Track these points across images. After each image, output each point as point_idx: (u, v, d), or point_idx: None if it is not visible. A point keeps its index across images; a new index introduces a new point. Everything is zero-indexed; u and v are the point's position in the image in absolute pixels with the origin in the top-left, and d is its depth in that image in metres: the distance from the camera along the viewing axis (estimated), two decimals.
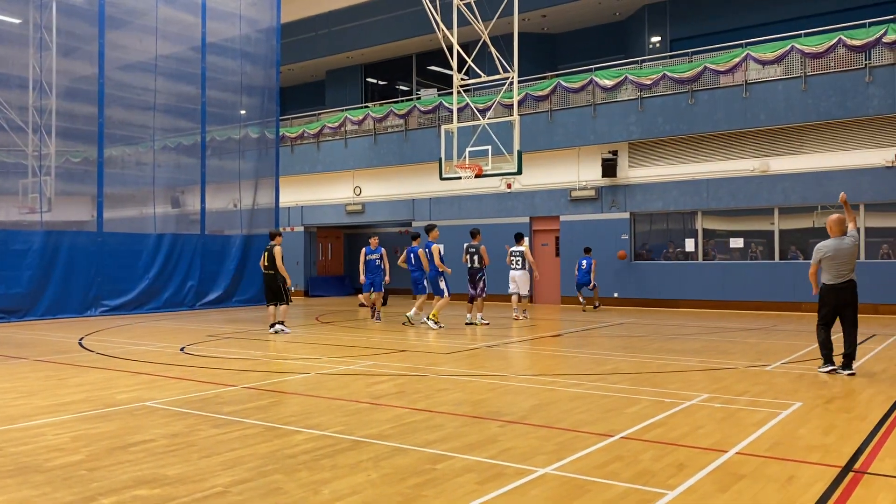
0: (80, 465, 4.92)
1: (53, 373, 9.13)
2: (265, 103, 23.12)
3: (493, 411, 6.63)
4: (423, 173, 24.10)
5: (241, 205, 22.60)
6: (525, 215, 22.48)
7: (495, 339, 12.80)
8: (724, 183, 19.25)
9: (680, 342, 12.05)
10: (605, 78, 20.52)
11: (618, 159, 20.68)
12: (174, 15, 21.08)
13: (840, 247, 8.51)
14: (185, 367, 9.43)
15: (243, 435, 5.76)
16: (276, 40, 23.38)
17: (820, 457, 5.05)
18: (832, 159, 17.96)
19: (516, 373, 9.03)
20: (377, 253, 16.39)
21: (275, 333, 13.79)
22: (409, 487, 4.42)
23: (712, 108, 19.09)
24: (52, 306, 17.68)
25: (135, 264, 19.49)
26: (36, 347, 11.93)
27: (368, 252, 16.37)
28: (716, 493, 4.30)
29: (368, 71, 31.14)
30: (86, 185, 19.38)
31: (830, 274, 8.51)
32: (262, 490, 4.39)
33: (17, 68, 18.36)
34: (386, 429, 5.93)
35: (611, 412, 6.53)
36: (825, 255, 8.53)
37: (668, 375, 8.64)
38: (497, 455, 5.11)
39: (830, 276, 8.52)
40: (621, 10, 24.39)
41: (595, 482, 4.50)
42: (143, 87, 20.39)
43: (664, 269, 20.32)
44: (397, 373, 8.92)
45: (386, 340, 12.77)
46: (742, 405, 6.82)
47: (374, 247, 16.44)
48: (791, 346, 11.39)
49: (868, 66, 17.22)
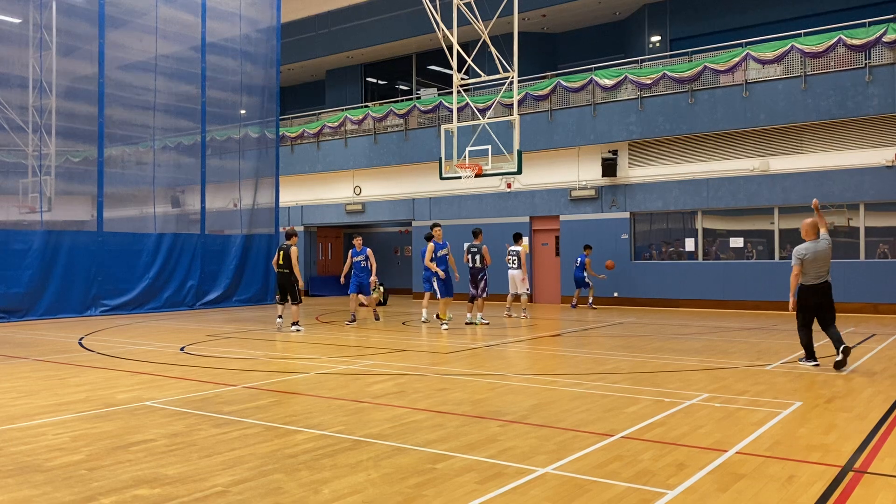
0: (81, 465, 4.92)
1: (53, 372, 9.14)
2: (265, 103, 23.12)
3: (493, 411, 6.63)
4: (423, 173, 24.10)
5: (241, 204, 22.60)
6: (525, 215, 22.48)
7: (495, 338, 12.80)
8: (724, 182, 19.25)
9: (680, 342, 12.05)
10: (605, 77, 20.52)
11: (618, 159, 20.68)
12: (174, 14, 21.08)
13: (817, 249, 8.93)
14: (186, 367, 9.44)
15: (243, 434, 5.76)
16: (276, 40, 23.38)
17: (820, 456, 5.05)
18: (832, 159, 17.96)
19: (516, 372, 9.03)
20: (362, 254, 15.64)
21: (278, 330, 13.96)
22: (410, 487, 4.42)
23: (712, 108, 19.09)
24: (52, 306, 17.68)
25: (135, 264, 19.49)
26: (36, 347, 11.94)
27: (354, 254, 15.63)
28: (716, 492, 4.31)
29: (368, 71, 31.13)
30: (86, 184, 19.38)
31: (810, 275, 8.87)
32: (262, 490, 4.40)
33: (17, 68, 18.36)
34: (386, 428, 5.93)
35: (611, 412, 6.54)
36: (805, 257, 8.85)
37: (668, 375, 8.64)
38: (497, 455, 5.11)
39: (810, 277, 8.87)
40: (621, 9, 24.39)
41: (595, 482, 4.50)
42: (144, 86, 20.39)
43: (664, 269, 20.32)
44: (397, 372, 8.92)
45: (386, 340, 12.77)
46: (742, 405, 6.82)
47: (358, 248, 15.69)
48: (791, 345, 11.39)
49: (868, 65, 17.22)
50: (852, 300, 17.58)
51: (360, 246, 15.75)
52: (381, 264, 27.94)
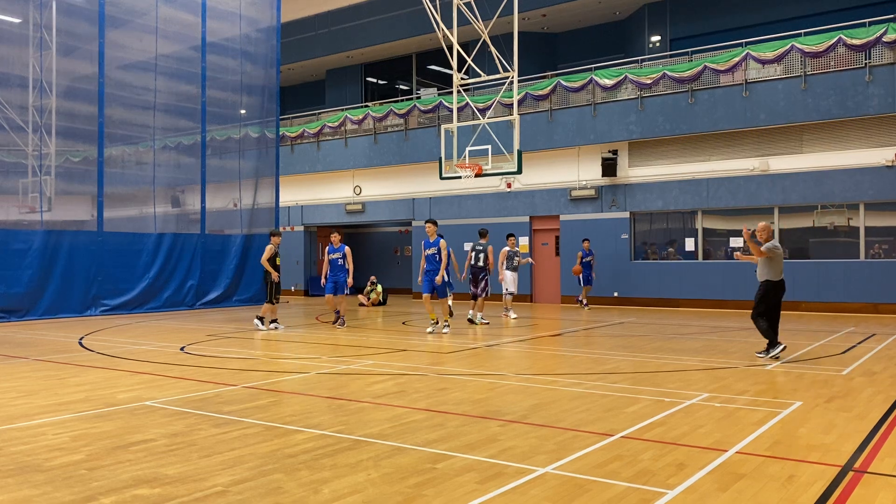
0: (81, 465, 4.92)
1: (53, 372, 9.14)
2: (265, 103, 23.11)
3: (493, 410, 6.63)
4: (423, 173, 24.10)
5: (241, 204, 22.60)
6: (525, 215, 22.48)
7: (495, 338, 12.80)
8: (724, 182, 19.25)
9: (680, 342, 12.05)
10: (605, 77, 20.52)
11: (618, 159, 20.68)
12: (174, 14, 21.08)
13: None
14: (186, 367, 9.44)
15: (243, 434, 5.76)
16: (277, 40, 23.37)
17: (820, 456, 5.05)
18: (832, 159, 17.96)
19: (516, 372, 9.03)
20: (340, 251, 14.46)
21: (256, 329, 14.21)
22: (410, 487, 4.42)
23: (712, 108, 19.09)
24: (52, 306, 17.68)
25: (135, 264, 19.48)
26: (36, 347, 11.94)
27: (331, 250, 14.46)
28: (716, 492, 4.31)
29: (368, 70, 31.13)
30: (86, 184, 19.38)
31: (776, 271, 9.62)
32: (262, 489, 4.40)
33: (18, 68, 18.35)
34: (386, 428, 5.93)
35: (611, 411, 6.54)
36: (779, 253, 9.66)
37: (668, 375, 8.64)
38: (497, 454, 5.11)
39: (776, 273, 9.61)
40: (621, 9, 24.38)
41: (595, 481, 4.50)
42: (144, 86, 20.39)
43: (664, 268, 20.32)
44: (397, 372, 8.92)
45: (386, 340, 12.77)
46: (742, 404, 6.82)
47: (336, 244, 14.49)
48: (791, 345, 11.38)
49: (868, 65, 17.22)
50: (852, 300, 17.59)
51: (337, 242, 14.56)
52: (381, 264, 28.18)
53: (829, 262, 18.10)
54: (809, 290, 18.08)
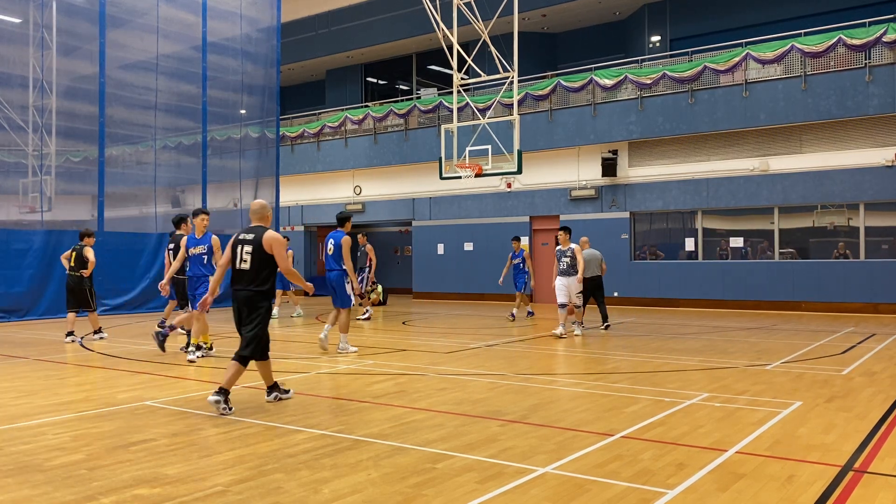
0: (81, 465, 4.92)
1: (54, 372, 9.14)
2: (265, 103, 23.11)
3: (493, 410, 6.63)
4: (423, 173, 24.10)
5: (241, 204, 22.60)
6: (525, 215, 22.48)
7: (495, 338, 12.80)
8: (724, 182, 19.25)
9: (680, 341, 12.05)
10: (604, 77, 20.52)
11: (618, 159, 20.68)
12: (175, 14, 21.08)
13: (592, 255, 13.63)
14: (186, 367, 9.44)
15: (243, 434, 5.76)
16: (277, 40, 23.38)
17: (820, 456, 5.06)
18: (832, 159, 17.96)
19: (516, 372, 9.03)
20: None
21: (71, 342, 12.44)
22: (410, 486, 4.42)
23: (712, 108, 19.08)
24: (53, 306, 17.65)
25: (135, 264, 19.46)
26: (36, 347, 11.94)
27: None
28: (716, 492, 4.31)
29: (368, 70, 31.13)
30: (86, 184, 19.38)
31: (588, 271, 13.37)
32: (262, 489, 4.40)
33: (18, 67, 18.36)
34: (386, 428, 5.93)
35: (610, 411, 6.54)
36: (586, 259, 13.06)
37: (668, 375, 8.64)
38: (497, 454, 5.11)
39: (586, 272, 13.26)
40: (621, 9, 24.38)
41: (595, 481, 4.50)
42: (144, 86, 20.38)
43: (664, 268, 20.32)
44: (397, 372, 8.93)
45: (386, 340, 12.77)
46: (742, 404, 6.82)
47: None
48: (791, 345, 11.39)
49: (868, 65, 17.22)
50: (852, 300, 17.59)
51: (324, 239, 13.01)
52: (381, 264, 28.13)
53: (829, 262, 18.11)
54: (809, 290, 18.09)
